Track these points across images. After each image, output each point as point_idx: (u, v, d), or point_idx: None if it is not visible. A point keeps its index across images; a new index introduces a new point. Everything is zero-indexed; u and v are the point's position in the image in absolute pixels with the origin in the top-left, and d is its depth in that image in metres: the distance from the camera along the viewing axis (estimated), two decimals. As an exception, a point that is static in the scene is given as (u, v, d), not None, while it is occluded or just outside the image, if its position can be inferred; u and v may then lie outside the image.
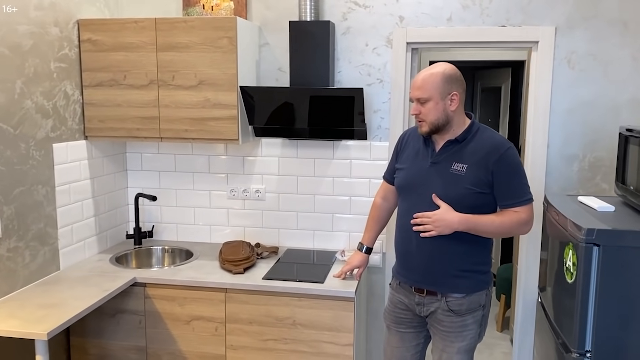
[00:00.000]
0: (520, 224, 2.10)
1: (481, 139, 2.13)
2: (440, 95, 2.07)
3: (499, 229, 2.10)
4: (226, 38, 2.66)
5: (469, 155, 2.10)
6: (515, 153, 2.11)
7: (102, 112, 2.83)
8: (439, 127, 2.11)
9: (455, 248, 2.12)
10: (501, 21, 2.79)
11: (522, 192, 2.10)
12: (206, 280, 2.63)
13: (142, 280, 2.67)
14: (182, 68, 2.73)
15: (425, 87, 2.09)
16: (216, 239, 3.25)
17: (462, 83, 2.12)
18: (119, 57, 2.77)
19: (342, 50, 2.96)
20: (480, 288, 2.17)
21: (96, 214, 2.99)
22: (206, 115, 2.74)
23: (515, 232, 2.20)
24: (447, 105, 2.08)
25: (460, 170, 2.09)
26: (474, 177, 2.07)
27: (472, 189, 2.07)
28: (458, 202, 2.07)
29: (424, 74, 2.10)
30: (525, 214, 2.09)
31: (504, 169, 2.06)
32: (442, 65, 2.12)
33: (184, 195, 3.25)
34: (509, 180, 2.08)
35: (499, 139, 2.13)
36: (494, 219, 2.09)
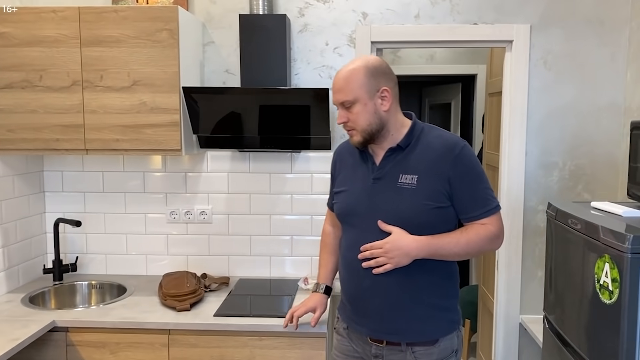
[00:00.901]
0: (491, 238, 1.71)
1: (428, 140, 1.73)
2: (367, 93, 1.67)
3: (465, 248, 1.69)
4: (166, 30, 2.26)
5: (417, 163, 1.71)
6: (471, 152, 1.74)
7: (11, 119, 2.33)
8: (373, 134, 1.71)
9: (418, 282, 1.71)
10: (473, 19, 2.56)
11: (487, 200, 1.71)
12: (144, 321, 2.16)
13: (63, 324, 2.16)
14: (111, 66, 2.29)
15: (348, 87, 1.69)
16: (154, 270, 2.77)
17: (392, 76, 1.73)
18: (34, 53, 2.29)
19: (300, 50, 2.63)
20: (452, 329, 1.77)
21: (5, 244, 2.44)
22: (142, 121, 2.31)
23: (485, 250, 1.77)
24: (377, 105, 1.69)
25: (410, 183, 1.69)
26: (429, 189, 1.68)
27: (429, 204, 1.67)
28: (414, 223, 1.68)
29: (344, 72, 1.70)
30: (494, 226, 1.72)
31: (462, 173, 1.68)
32: (363, 57, 1.75)
33: (115, 220, 2.75)
34: (470, 186, 1.70)
35: (449, 138, 1.74)
36: (458, 238, 1.69)
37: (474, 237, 1.70)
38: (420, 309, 1.72)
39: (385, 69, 1.72)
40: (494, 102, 3.36)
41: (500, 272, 2.76)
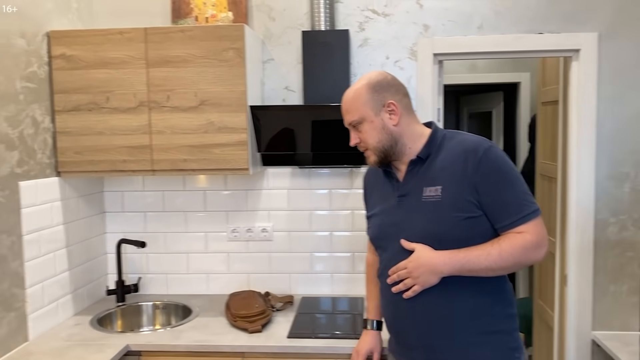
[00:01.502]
0: (527, 248, 1.51)
1: (450, 147, 1.61)
2: (373, 110, 1.62)
3: (498, 261, 1.51)
4: (233, 49, 2.24)
5: (440, 172, 1.59)
6: (498, 153, 1.56)
7: (79, 142, 2.33)
8: (386, 151, 1.64)
9: (459, 304, 1.58)
10: (538, 28, 2.51)
11: (521, 205, 1.53)
12: (217, 344, 2.13)
13: (136, 348, 2.13)
14: (178, 86, 2.28)
15: (352, 107, 1.65)
16: (215, 289, 2.74)
17: (398, 87, 1.66)
18: (100, 75, 2.29)
19: (360, 64, 2.60)
20: (510, 357, 1.60)
21: (70, 267, 2.44)
22: (209, 141, 2.29)
23: (523, 262, 1.55)
24: (385, 120, 1.62)
25: (434, 196, 1.57)
26: (455, 199, 1.55)
27: (458, 216, 1.54)
28: (444, 239, 1.56)
29: (348, 92, 1.67)
30: (532, 234, 1.51)
31: (488, 177, 1.53)
32: (365, 76, 1.69)
33: (175, 240, 2.74)
34: (499, 191, 1.53)
35: (472, 140, 1.59)
36: (489, 249, 1.52)
37: (508, 247, 1.51)
38: (466, 336, 1.58)
39: (390, 81, 1.65)
40: (549, 112, 3.30)
41: (569, 287, 2.68)
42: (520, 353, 1.63)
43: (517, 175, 1.57)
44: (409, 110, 1.67)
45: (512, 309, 1.65)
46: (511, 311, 1.64)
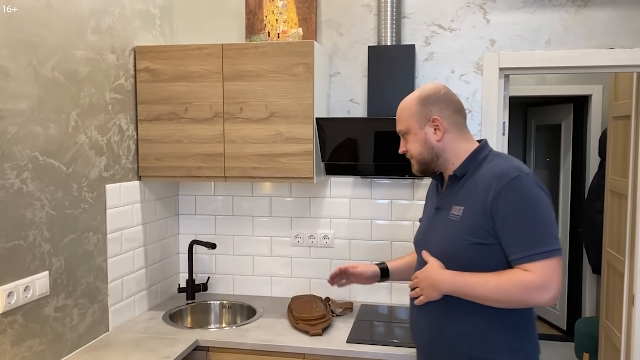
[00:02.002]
0: (527, 287, 1.43)
1: (486, 169, 1.57)
2: (418, 123, 1.64)
3: (494, 293, 1.47)
4: (302, 65, 2.36)
5: (468, 194, 1.58)
6: (527, 183, 1.49)
7: (159, 149, 2.51)
8: (427, 163, 1.66)
9: (458, 324, 1.57)
10: (608, 43, 2.47)
11: (535, 242, 1.45)
12: (280, 344, 2.23)
13: (204, 344, 2.28)
14: (251, 99, 2.42)
15: (401, 117, 1.69)
16: (277, 292, 2.86)
17: (448, 103, 1.64)
18: (180, 87, 2.47)
19: (425, 78, 2.65)
20: None
21: (147, 265, 2.63)
22: (277, 150, 2.41)
23: (522, 301, 1.46)
24: (429, 134, 1.63)
25: (457, 215, 1.58)
26: (470, 223, 1.53)
27: (468, 239, 1.52)
28: (453, 259, 1.56)
29: (402, 102, 1.71)
30: (536, 274, 1.43)
31: (506, 206, 1.47)
32: (421, 87, 1.70)
33: (242, 243, 2.88)
34: (514, 222, 1.47)
35: (504, 167, 1.53)
36: (488, 279, 1.48)
37: (507, 282, 1.46)
38: (456, 355, 1.59)
39: (441, 96, 1.64)
40: (620, 126, 3.21)
41: (637, 307, 2.61)
42: None
43: (540, 211, 1.48)
44: (458, 127, 1.66)
45: (519, 343, 1.57)
46: (516, 345, 1.56)
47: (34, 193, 1.89)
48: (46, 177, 1.95)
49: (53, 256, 1.99)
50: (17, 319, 1.83)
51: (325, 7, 2.70)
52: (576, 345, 3.90)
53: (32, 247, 1.88)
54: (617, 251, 3.12)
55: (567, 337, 4.74)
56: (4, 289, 1.76)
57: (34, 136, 1.88)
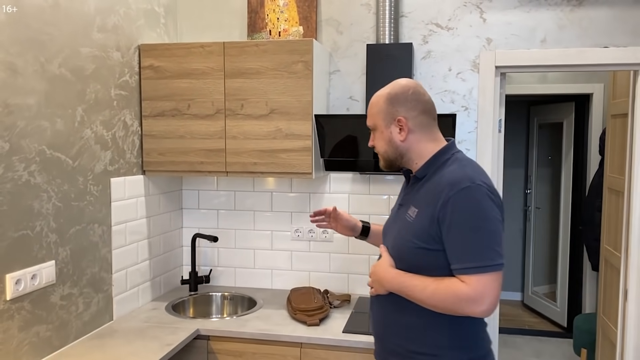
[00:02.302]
0: (461, 299, 1.45)
1: (444, 173, 1.57)
2: (384, 121, 1.63)
3: (430, 298, 1.50)
4: (301, 62, 2.42)
5: (422, 198, 1.59)
6: (477, 195, 1.47)
7: (162, 144, 2.59)
8: (392, 162, 1.67)
9: (402, 318, 1.61)
10: (603, 42, 2.52)
11: (473, 255, 1.45)
12: (278, 333, 2.30)
13: (205, 333, 2.35)
14: (251, 96, 2.48)
15: (370, 112, 1.68)
16: (278, 284, 2.93)
17: (416, 103, 1.61)
18: (183, 84, 2.54)
19: (422, 75, 2.70)
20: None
21: (150, 257, 2.70)
22: (277, 146, 2.48)
23: (455, 310, 1.48)
24: (394, 134, 1.62)
25: (410, 216, 1.59)
26: (420, 227, 1.54)
27: (414, 243, 1.54)
28: (404, 259, 1.59)
29: (373, 96, 1.70)
30: (470, 287, 1.44)
31: (451, 216, 1.47)
32: (393, 83, 1.67)
33: (244, 236, 2.96)
34: (456, 233, 1.47)
35: (456, 175, 1.52)
36: (427, 285, 1.51)
37: (443, 290, 1.48)
38: (397, 346, 1.64)
39: (409, 96, 1.61)
40: (618, 124, 3.25)
41: (629, 302, 2.65)
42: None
43: (485, 225, 1.47)
44: (424, 128, 1.63)
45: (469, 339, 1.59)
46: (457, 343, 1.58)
47: (41, 185, 1.97)
48: (53, 170, 2.02)
49: (59, 246, 2.06)
50: (25, 306, 1.91)
51: (326, 6, 2.77)
52: (575, 341, 3.94)
53: (39, 237, 1.96)
54: (614, 248, 3.16)
55: (568, 334, 4.77)
56: (12, 277, 1.84)
57: (42, 130, 1.96)
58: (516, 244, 5.80)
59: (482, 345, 1.63)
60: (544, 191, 5.49)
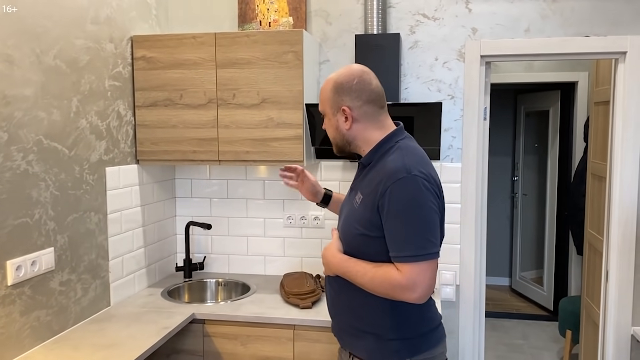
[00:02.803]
0: (393, 286, 1.51)
1: (386, 161, 1.60)
2: (331, 109, 1.67)
3: (368, 284, 1.57)
4: (292, 52, 2.48)
5: (367, 184, 1.63)
6: (412, 186, 1.51)
7: (155, 134, 2.64)
8: (341, 147, 1.71)
9: (350, 296, 1.67)
10: (584, 31, 2.59)
11: (407, 244, 1.50)
12: (272, 316, 2.38)
13: (200, 317, 2.42)
14: (243, 85, 2.54)
15: (320, 99, 1.72)
16: (271, 270, 3.01)
17: (360, 93, 1.62)
18: (175, 75, 2.59)
19: (409, 65, 2.77)
20: (387, 357, 1.64)
21: (145, 244, 2.76)
22: (269, 135, 2.54)
23: (390, 295, 1.55)
24: (340, 122, 1.66)
25: (356, 202, 1.64)
26: (362, 214, 1.60)
27: (357, 229, 1.61)
28: (349, 244, 1.65)
29: (324, 81, 1.72)
30: (403, 275, 1.49)
31: (389, 205, 1.52)
32: (342, 69, 1.69)
33: (237, 224, 3.02)
34: (393, 222, 1.52)
35: (394, 165, 1.55)
36: (367, 270, 1.57)
37: (379, 276, 1.55)
38: (348, 324, 1.72)
39: (354, 86, 1.63)
40: (600, 112, 3.33)
41: (610, 283, 2.75)
42: (404, 357, 1.63)
43: (419, 214, 1.51)
44: (369, 117, 1.65)
45: (407, 320, 1.64)
46: (402, 323, 1.63)
47: (39, 174, 2.02)
48: (50, 160, 2.07)
49: (57, 233, 2.12)
50: (25, 291, 1.96)
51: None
52: (560, 323, 4.05)
53: (38, 225, 2.01)
54: (597, 231, 3.26)
55: (554, 317, 4.90)
56: (13, 263, 1.89)
57: (38, 121, 2.01)
58: (504, 231, 5.91)
59: (428, 323, 1.68)
60: (531, 178, 5.60)
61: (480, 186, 2.78)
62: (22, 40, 1.93)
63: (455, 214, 2.76)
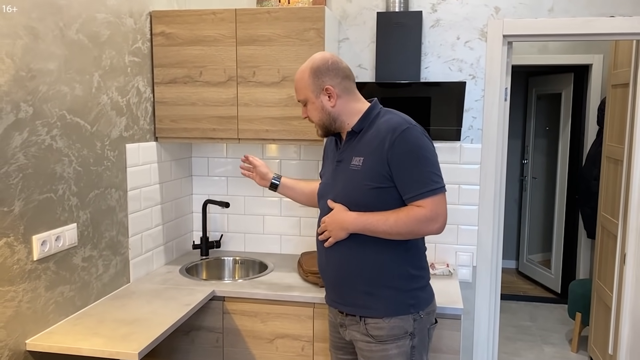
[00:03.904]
0: (419, 220, 1.71)
1: (379, 123, 1.80)
2: (313, 93, 1.83)
3: (394, 227, 1.73)
4: (313, 30, 2.45)
5: (365, 146, 1.80)
6: (415, 134, 1.74)
7: (175, 111, 2.62)
8: (327, 127, 1.87)
9: (362, 259, 1.81)
10: (609, 12, 2.56)
11: (424, 182, 1.72)
12: (293, 294, 2.38)
13: (220, 294, 2.42)
14: (263, 63, 2.51)
15: (297, 88, 1.87)
16: (287, 249, 3.01)
17: (337, 71, 1.82)
18: (195, 51, 2.56)
19: (431, 44, 2.74)
20: (403, 311, 1.80)
21: (163, 222, 2.76)
22: (289, 114, 2.52)
23: (416, 232, 1.75)
24: (324, 102, 1.83)
25: (357, 165, 1.79)
26: (370, 170, 1.76)
27: (368, 184, 1.76)
28: (359, 203, 1.78)
29: (297, 73, 1.88)
30: (427, 208, 1.71)
31: (399, 153, 1.72)
32: (311, 58, 1.86)
33: (253, 203, 3.02)
34: (407, 168, 1.73)
35: (396, 120, 1.77)
36: (388, 216, 1.74)
37: (404, 217, 1.72)
38: (363, 286, 1.82)
39: (330, 66, 1.81)
40: (618, 94, 3.31)
41: (627, 265, 2.76)
42: (420, 309, 1.82)
43: (427, 156, 1.74)
44: (348, 91, 1.85)
45: (415, 272, 1.84)
46: (413, 273, 1.83)
47: (63, 149, 2.00)
48: (73, 135, 2.06)
49: (80, 210, 2.12)
50: (50, 266, 1.96)
51: (335, -26, 2.77)
52: (569, 306, 4.07)
53: (61, 200, 2.01)
54: (612, 215, 3.26)
55: (561, 300, 4.92)
56: (39, 238, 1.89)
57: (62, 95, 1.99)
58: (512, 214, 5.91)
59: (425, 275, 1.90)
60: (541, 161, 5.58)
61: (499, 168, 2.77)
62: (46, 12, 1.90)
63: (473, 195, 2.75)
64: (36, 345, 1.86)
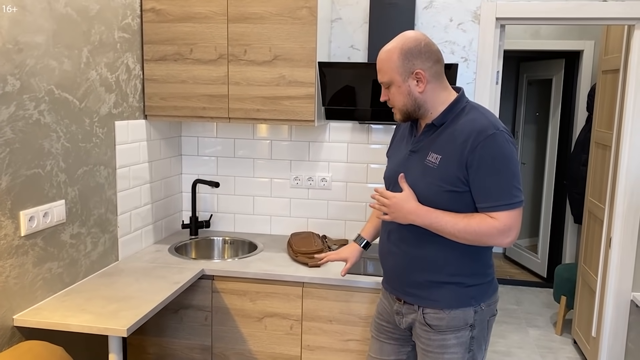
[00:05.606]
0: (492, 233, 1.65)
1: (464, 121, 1.69)
2: (400, 76, 1.69)
3: (462, 232, 1.66)
4: (306, 8, 2.42)
5: (445, 143, 1.70)
6: (501, 141, 1.64)
7: (164, 89, 2.59)
8: (409, 113, 1.75)
9: (429, 252, 1.75)
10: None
11: (502, 194, 1.64)
12: (281, 274, 2.39)
13: (210, 273, 2.43)
14: (255, 41, 2.49)
15: (383, 69, 1.72)
16: (277, 230, 3.01)
17: (430, 55, 1.69)
18: (185, 28, 2.53)
19: (424, 26, 2.73)
20: (465, 304, 1.76)
21: (152, 201, 2.75)
22: (280, 93, 2.50)
23: (484, 242, 1.68)
24: (412, 86, 1.70)
25: (433, 162, 1.70)
26: (446, 172, 1.67)
27: (442, 187, 1.68)
28: (427, 201, 1.70)
29: (381, 53, 1.73)
30: (500, 222, 1.64)
31: (479, 160, 1.63)
32: (401, 37, 1.71)
33: (243, 183, 3.01)
34: (486, 177, 1.64)
35: (482, 123, 1.66)
36: (459, 220, 1.66)
37: (475, 225, 1.65)
38: (426, 278, 1.77)
39: (422, 49, 1.68)
40: (609, 80, 3.33)
41: (613, 249, 2.79)
42: (481, 302, 1.77)
43: (510, 167, 1.65)
44: (438, 77, 1.72)
45: (479, 269, 1.78)
46: (477, 270, 1.78)
47: (51, 125, 1.98)
48: (61, 110, 2.03)
49: (68, 186, 2.10)
50: (38, 242, 1.95)
51: (328, -47, 2.74)
52: (555, 289, 4.13)
53: (49, 176, 1.99)
54: (599, 200, 3.29)
55: (547, 284, 4.99)
56: (26, 214, 1.87)
57: (50, 70, 1.96)
58: (500, 199, 5.94)
59: (491, 272, 1.83)
60: (530, 147, 5.61)
61: (489, 151, 2.77)
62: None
63: (463, 177, 2.76)
64: (24, 320, 1.86)
